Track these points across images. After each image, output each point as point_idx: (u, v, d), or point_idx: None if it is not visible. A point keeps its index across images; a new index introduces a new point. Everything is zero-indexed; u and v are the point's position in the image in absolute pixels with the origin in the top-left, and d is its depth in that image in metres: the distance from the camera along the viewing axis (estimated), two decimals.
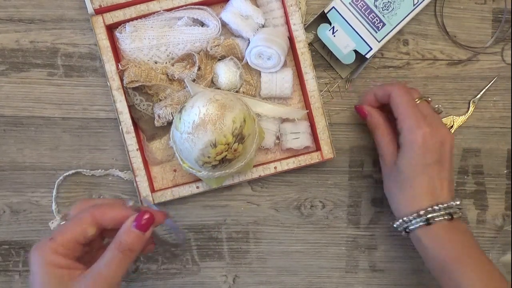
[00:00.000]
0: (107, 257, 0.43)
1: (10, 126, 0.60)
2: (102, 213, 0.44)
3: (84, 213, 0.44)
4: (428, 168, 0.51)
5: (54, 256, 0.42)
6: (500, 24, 0.62)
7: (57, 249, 0.42)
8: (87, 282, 0.42)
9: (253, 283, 0.63)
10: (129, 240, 0.43)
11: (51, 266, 0.42)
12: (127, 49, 0.57)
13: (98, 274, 0.42)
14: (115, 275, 0.42)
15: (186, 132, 0.49)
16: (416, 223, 0.51)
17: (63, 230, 0.43)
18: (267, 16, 0.58)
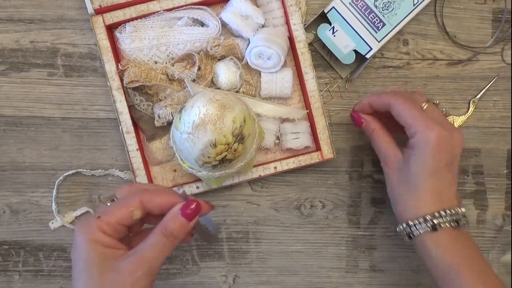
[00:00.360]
0: (151, 240, 0.43)
1: (10, 126, 0.60)
2: (150, 198, 0.45)
3: (132, 197, 0.45)
4: (440, 171, 0.50)
5: (100, 234, 0.43)
6: (500, 24, 0.62)
7: (103, 228, 0.43)
8: (130, 262, 0.42)
9: (253, 283, 0.63)
10: (174, 226, 0.44)
11: (97, 243, 0.43)
12: (127, 49, 0.57)
13: (141, 256, 0.43)
14: (157, 258, 0.43)
15: (186, 132, 0.49)
16: (420, 228, 0.49)
17: (110, 210, 0.44)
18: (267, 16, 0.58)
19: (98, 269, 0.42)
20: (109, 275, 0.42)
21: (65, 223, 0.60)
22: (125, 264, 0.42)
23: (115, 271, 0.42)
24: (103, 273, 0.42)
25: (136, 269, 0.42)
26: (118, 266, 0.42)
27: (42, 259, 0.61)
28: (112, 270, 0.42)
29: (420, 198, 0.50)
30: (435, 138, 0.49)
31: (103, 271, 0.42)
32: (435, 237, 0.49)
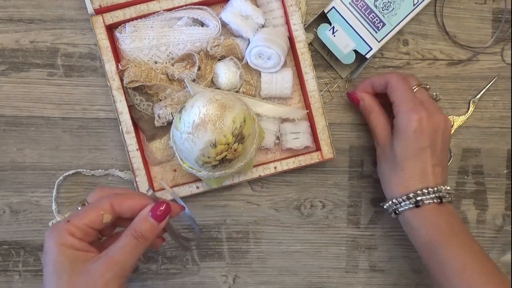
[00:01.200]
0: (121, 242, 0.44)
1: (10, 126, 0.60)
2: (120, 202, 0.45)
3: (102, 200, 0.45)
4: (421, 152, 0.52)
5: (70, 238, 0.43)
6: (500, 24, 0.62)
7: (73, 231, 0.43)
8: (100, 264, 0.43)
9: (253, 283, 0.63)
10: (144, 228, 0.44)
11: (66, 247, 0.43)
12: (127, 49, 0.57)
13: (111, 258, 0.43)
14: (127, 259, 0.44)
15: (186, 132, 0.49)
16: (405, 205, 0.52)
17: (80, 214, 0.44)
18: (267, 16, 0.58)
19: (68, 272, 0.42)
20: (79, 278, 0.42)
21: None
22: (95, 266, 0.43)
23: (86, 273, 0.42)
24: (72, 275, 0.42)
25: (107, 271, 0.42)
26: (88, 269, 0.43)
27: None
28: (82, 273, 0.42)
29: (404, 178, 0.52)
30: (416, 122, 0.51)
31: (73, 274, 0.42)
32: (418, 213, 0.52)
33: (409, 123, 0.51)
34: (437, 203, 0.51)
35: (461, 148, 0.63)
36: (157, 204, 0.45)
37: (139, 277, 0.62)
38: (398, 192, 0.53)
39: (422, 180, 0.52)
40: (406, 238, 0.54)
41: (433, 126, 0.52)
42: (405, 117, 0.52)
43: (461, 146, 0.63)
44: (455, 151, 0.63)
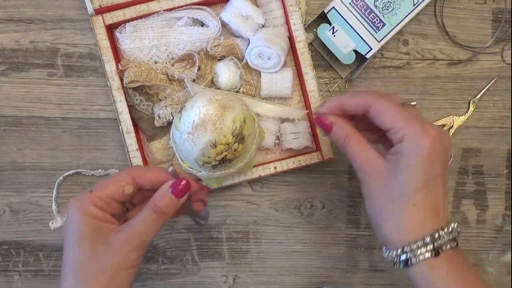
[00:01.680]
0: (142, 215, 0.45)
1: (10, 126, 0.60)
2: (141, 174, 0.46)
3: (124, 173, 0.46)
4: (434, 181, 0.43)
5: (93, 208, 0.44)
6: (500, 24, 0.62)
7: (96, 202, 0.44)
8: (121, 236, 0.44)
9: (253, 283, 0.63)
10: (163, 203, 0.45)
11: (89, 216, 0.44)
12: (127, 49, 0.57)
13: (132, 231, 0.44)
14: (147, 232, 0.45)
15: (186, 132, 0.49)
16: (421, 254, 0.41)
17: (103, 185, 0.45)
18: (267, 16, 0.58)
19: (90, 241, 0.43)
20: (100, 247, 0.43)
21: None
22: (116, 237, 0.44)
23: (107, 244, 0.43)
24: (94, 245, 0.43)
25: (127, 243, 0.43)
26: (109, 239, 0.44)
27: (42, 259, 0.61)
28: (103, 243, 0.43)
29: (414, 215, 0.42)
30: (430, 143, 0.42)
31: (94, 243, 0.43)
32: (436, 265, 0.41)
33: (422, 147, 0.42)
34: (454, 247, 0.42)
35: (461, 148, 0.63)
36: (178, 180, 0.46)
37: (139, 277, 0.62)
38: (408, 236, 0.42)
39: (437, 217, 0.42)
40: None
41: (444, 147, 0.43)
42: (417, 140, 0.42)
43: (461, 146, 0.63)
44: (455, 151, 0.63)
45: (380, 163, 0.44)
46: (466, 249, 0.64)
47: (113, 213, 0.46)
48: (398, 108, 0.44)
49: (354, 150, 0.45)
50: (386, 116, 0.43)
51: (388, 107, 0.44)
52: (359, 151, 0.45)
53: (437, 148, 0.42)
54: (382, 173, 0.43)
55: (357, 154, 0.45)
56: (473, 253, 0.64)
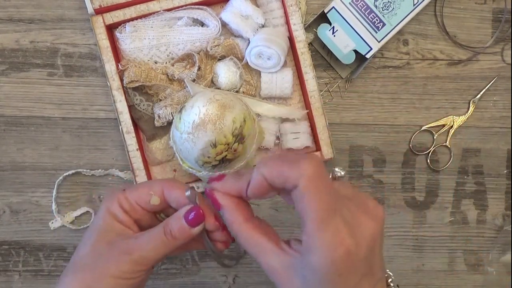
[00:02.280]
0: (152, 232, 0.43)
1: (10, 126, 0.60)
2: (170, 188, 0.43)
3: (157, 182, 0.44)
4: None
5: (117, 207, 0.43)
6: (500, 24, 0.62)
7: (122, 202, 0.43)
8: (124, 243, 0.42)
9: (253, 283, 0.63)
10: (174, 227, 0.42)
11: (110, 214, 0.43)
12: (127, 49, 0.57)
13: (135, 242, 0.42)
14: (150, 251, 0.42)
15: (186, 132, 0.49)
16: None
17: (134, 187, 0.44)
18: (267, 16, 0.58)
19: (97, 238, 0.43)
20: (101, 246, 0.42)
21: (65, 223, 0.60)
22: (120, 243, 0.42)
23: (109, 246, 0.42)
24: (98, 242, 0.42)
25: (126, 252, 0.41)
26: (113, 242, 0.42)
27: (42, 259, 0.61)
28: (106, 244, 0.42)
29: None
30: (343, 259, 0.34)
31: (100, 241, 0.42)
32: None
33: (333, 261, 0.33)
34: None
35: (461, 148, 0.63)
36: (191, 209, 0.42)
37: None
38: None
39: None
40: (406, 238, 0.54)
41: (366, 246, 0.35)
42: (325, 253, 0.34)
43: (461, 146, 0.63)
44: (455, 151, 0.63)
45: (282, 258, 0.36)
46: (466, 249, 0.64)
47: (137, 218, 0.44)
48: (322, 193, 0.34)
49: (245, 240, 0.38)
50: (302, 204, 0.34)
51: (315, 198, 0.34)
52: (251, 243, 0.38)
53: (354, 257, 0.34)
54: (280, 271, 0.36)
55: (249, 245, 0.38)
56: (473, 253, 0.64)
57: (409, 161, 0.63)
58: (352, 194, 0.38)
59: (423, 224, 0.63)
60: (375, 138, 0.62)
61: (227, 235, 0.44)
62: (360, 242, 0.34)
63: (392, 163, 0.63)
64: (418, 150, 0.63)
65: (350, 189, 0.38)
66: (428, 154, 0.63)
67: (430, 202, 0.63)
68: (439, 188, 0.63)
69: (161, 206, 0.44)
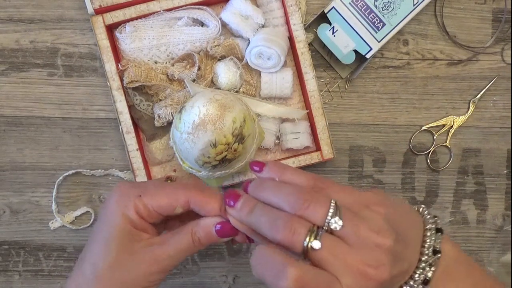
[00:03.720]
0: (178, 238, 0.42)
1: (10, 126, 0.60)
2: (197, 201, 0.42)
3: (180, 192, 0.42)
4: None
5: (133, 213, 0.41)
6: (500, 24, 0.62)
7: (139, 209, 0.42)
8: (150, 253, 0.41)
9: (253, 283, 0.63)
10: (203, 234, 0.42)
11: (127, 220, 0.41)
12: (127, 49, 0.57)
13: (162, 251, 0.41)
14: (178, 257, 0.42)
15: (186, 132, 0.49)
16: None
17: (154, 194, 0.42)
18: (267, 16, 0.58)
19: (117, 247, 0.41)
20: (125, 258, 0.41)
21: (65, 223, 0.60)
22: (144, 253, 0.41)
23: (132, 256, 0.41)
24: (120, 253, 0.41)
25: (154, 263, 0.41)
26: (137, 252, 0.41)
27: (42, 259, 0.61)
28: (130, 253, 0.41)
29: None
30: None
31: (122, 251, 0.41)
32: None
33: None
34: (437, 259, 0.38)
35: (461, 148, 0.63)
36: (222, 223, 0.41)
37: None
38: None
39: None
40: None
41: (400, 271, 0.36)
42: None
43: (461, 146, 0.63)
44: (455, 151, 0.63)
45: None
46: (466, 249, 0.64)
47: (153, 221, 0.43)
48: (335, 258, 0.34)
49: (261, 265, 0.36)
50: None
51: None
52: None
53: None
54: None
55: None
56: (473, 253, 0.64)
57: (409, 161, 0.63)
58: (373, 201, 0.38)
59: None
60: (375, 138, 0.62)
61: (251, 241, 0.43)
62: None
63: (392, 163, 0.63)
64: (418, 150, 0.63)
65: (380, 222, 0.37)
66: (428, 154, 0.63)
67: (430, 202, 0.63)
68: (439, 188, 0.63)
69: (182, 212, 0.43)
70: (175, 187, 0.43)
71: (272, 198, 0.37)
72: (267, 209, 0.37)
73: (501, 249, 0.64)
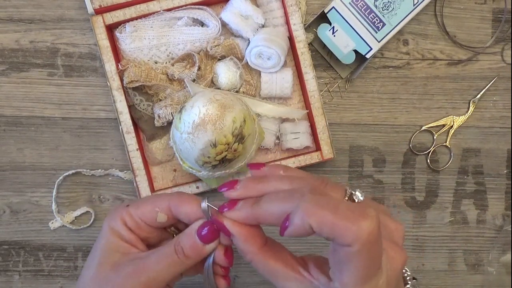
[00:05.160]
0: (161, 250, 0.40)
1: (10, 126, 0.60)
2: (177, 204, 0.40)
3: (163, 197, 0.41)
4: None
5: (120, 225, 0.40)
6: (500, 24, 0.62)
7: (126, 220, 0.40)
8: (131, 265, 0.39)
9: (253, 283, 0.63)
10: (186, 244, 0.39)
11: (113, 233, 0.40)
12: (127, 49, 0.57)
13: (144, 263, 0.39)
14: (160, 272, 0.39)
15: (186, 132, 0.49)
16: None
17: (138, 203, 0.41)
18: (267, 16, 0.58)
19: (100, 260, 0.40)
20: (106, 270, 0.39)
21: (65, 223, 0.60)
22: (125, 266, 0.39)
23: (114, 268, 0.39)
24: (102, 265, 0.40)
25: (133, 276, 0.39)
26: (120, 265, 0.39)
27: (42, 259, 0.61)
28: (111, 266, 0.39)
29: None
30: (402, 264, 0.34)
31: (103, 263, 0.40)
32: None
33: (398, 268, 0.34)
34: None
35: (461, 148, 0.63)
36: (204, 224, 0.39)
37: None
38: None
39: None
40: (406, 238, 0.54)
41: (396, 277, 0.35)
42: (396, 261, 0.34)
43: (461, 146, 0.63)
44: (455, 151, 0.63)
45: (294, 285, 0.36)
46: (466, 249, 0.64)
47: (143, 236, 0.41)
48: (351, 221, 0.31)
49: (261, 269, 0.37)
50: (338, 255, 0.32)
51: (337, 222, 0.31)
52: (268, 271, 0.36)
53: None
54: None
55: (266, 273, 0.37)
56: (473, 253, 0.64)
57: (409, 161, 0.63)
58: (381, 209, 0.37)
59: (423, 224, 0.63)
60: (375, 138, 0.62)
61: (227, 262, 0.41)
62: (391, 281, 0.33)
63: (392, 163, 0.63)
64: (418, 150, 0.63)
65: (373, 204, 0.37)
66: (428, 154, 0.63)
67: (430, 202, 0.63)
68: (439, 188, 0.63)
69: (170, 222, 0.41)
70: (158, 195, 0.42)
71: (281, 186, 0.35)
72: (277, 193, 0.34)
73: (501, 249, 0.64)
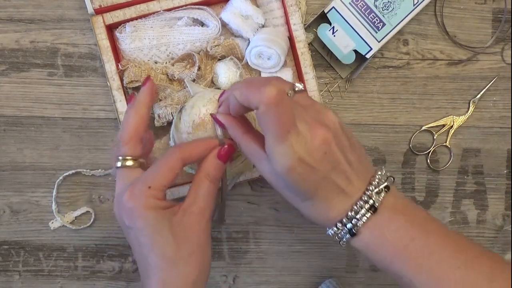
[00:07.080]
0: (202, 189, 0.45)
1: (10, 126, 0.60)
2: (190, 154, 0.45)
3: (172, 158, 0.45)
4: (323, 183, 0.42)
5: (156, 201, 0.44)
6: (500, 24, 0.62)
7: (157, 195, 0.44)
8: (192, 214, 0.44)
9: (253, 283, 0.63)
10: (216, 171, 0.46)
11: (156, 210, 0.43)
12: (127, 49, 0.57)
13: (199, 207, 0.45)
14: (212, 204, 0.45)
15: (186, 132, 0.49)
16: (363, 214, 0.42)
17: (158, 176, 0.44)
18: (267, 16, 0.58)
19: (167, 227, 0.43)
20: (179, 228, 0.44)
21: (65, 223, 0.60)
22: (188, 218, 0.44)
23: (182, 225, 0.44)
24: (172, 228, 0.43)
25: (202, 219, 0.45)
26: (182, 221, 0.44)
27: (42, 259, 0.61)
28: (179, 225, 0.44)
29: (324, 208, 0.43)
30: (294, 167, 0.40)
31: (172, 227, 0.43)
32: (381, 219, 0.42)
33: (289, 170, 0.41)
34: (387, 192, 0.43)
35: (461, 148, 0.63)
36: (222, 147, 0.46)
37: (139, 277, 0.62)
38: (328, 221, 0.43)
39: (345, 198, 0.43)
40: None
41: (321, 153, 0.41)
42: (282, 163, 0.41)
43: (461, 146, 0.63)
44: (455, 151, 0.63)
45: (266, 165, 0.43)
46: None
47: None
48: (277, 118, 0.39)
49: (244, 149, 0.45)
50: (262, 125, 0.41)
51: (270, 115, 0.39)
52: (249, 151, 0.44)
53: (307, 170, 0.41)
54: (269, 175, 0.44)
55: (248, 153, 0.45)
56: None
57: (409, 161, 0.63)
58: (310, 104, 0.43)
59: None
60: (375, 138, 0.62)
61: None
62: (311, 149, 0.40)
63: (392, 163, 0.63)
64: (418, 150, 0.63)
65: (308, 101, 0.44)
66: (428, 154, 0.63)
67: (430, 202, 0.63)
68: (439, 188, 0.63)
69: None
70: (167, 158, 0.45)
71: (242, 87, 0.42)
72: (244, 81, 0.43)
73: (501, 249, 0.64)
